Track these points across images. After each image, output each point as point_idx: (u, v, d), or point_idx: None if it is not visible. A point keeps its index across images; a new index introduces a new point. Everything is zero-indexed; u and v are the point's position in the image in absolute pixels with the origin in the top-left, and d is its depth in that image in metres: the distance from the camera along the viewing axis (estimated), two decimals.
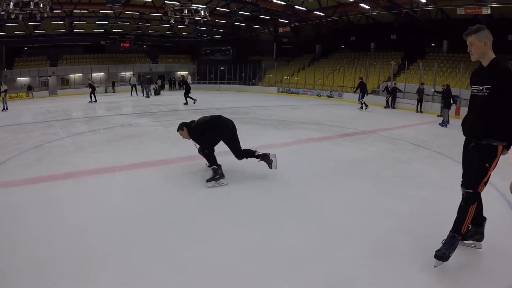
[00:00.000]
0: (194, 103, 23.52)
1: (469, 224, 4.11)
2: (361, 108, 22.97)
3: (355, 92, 25.48)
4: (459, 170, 4.27)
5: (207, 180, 6.88)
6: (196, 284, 3.79)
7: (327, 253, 4.40)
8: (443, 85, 19.15)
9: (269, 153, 7.34)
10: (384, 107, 24.74)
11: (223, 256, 4.32)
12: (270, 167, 7.26)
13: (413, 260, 4.21)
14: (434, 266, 4.00)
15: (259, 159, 7.34)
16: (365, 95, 22.99)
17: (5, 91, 23.14)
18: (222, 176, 6.96)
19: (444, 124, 16.88)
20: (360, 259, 4.25)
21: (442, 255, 3.97)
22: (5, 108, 22.66)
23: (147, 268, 4.04)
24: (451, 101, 17.73)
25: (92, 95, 27.88)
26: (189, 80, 38.74)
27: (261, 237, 4.82)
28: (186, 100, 23.98)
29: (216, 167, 6.98)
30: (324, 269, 4.03)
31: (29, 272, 3.95)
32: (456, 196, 6.21)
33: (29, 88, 39.24)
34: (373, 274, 3.94)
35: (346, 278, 3.89)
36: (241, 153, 7.34)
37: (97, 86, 31.92)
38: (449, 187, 6.77)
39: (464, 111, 18.90)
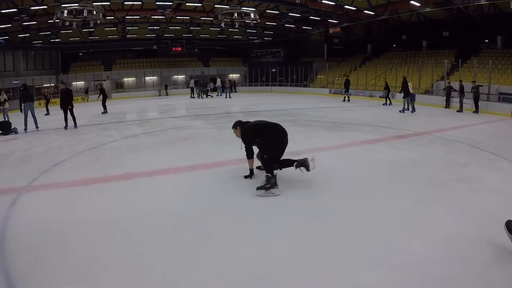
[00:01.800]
0: (102, 113, 22.60)
1: None
2: (344, 100, 28.23)
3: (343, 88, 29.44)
4: None
5: (257, 188, 6.56)
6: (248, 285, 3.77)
7: (381, 259, 4.23)
8: (460, 81, 22.69)
9: (306, 158, 6.96)
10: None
11: (274, 259, 4.27)
12: (308, 170, 6.89)
13: (469, 265, 4.04)
14: None
15: (295, 167, 7.02)
16: (348, 90, 28.91)
17: (5, 101, 20.60)
18: (274, 185, 6.50)
19: (403, 111, 20.59)
20: (416, 263, 4.10)
21: None
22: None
23: (198, 270, 4.04)
24: (409, 91, 20.92)
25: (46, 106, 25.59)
26: (218, 82, 38.67)
27: (313, 241, 4.72)
28: (105, 108, 23.28)
29: (270, 175, 6.56)
30: (376, 277, 3.88)
31: (82, 269, 4.03)
32: None
33: (86, 91, 40.86)
34: (429, 280, 3.78)
35: (397, 284, 3.74)
36: (280, 163, 7.08)
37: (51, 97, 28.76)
38: (508, 191, 6.60)
39: None
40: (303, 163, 6.91)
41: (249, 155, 7.13)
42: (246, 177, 7.40)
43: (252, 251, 4.44)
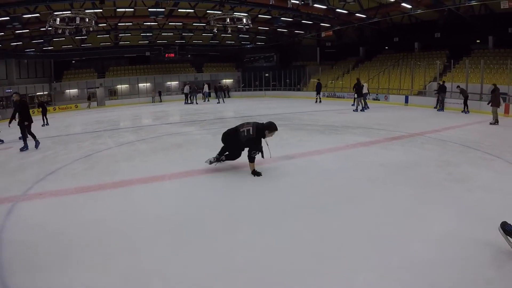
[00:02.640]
0: (42, 125, 21.66)
1: None
2: (316, 102, 31.45)
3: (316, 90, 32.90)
4: (511, 171, 4.05)
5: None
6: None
7: (379, 260, 4.27)
8: (439, 82, 24.06)
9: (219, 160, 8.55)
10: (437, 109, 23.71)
11: (272, 261, 4.30)
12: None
13: (466, 265, 4.08)
14: None
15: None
16: (320, 92, 32.18)
17: None
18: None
19: (356, 110, 22.56)
20: (414, 264, 4.14)
21: None
22: None
23: (196, 273, 4.07)
24: (362, 91, 23.05)
25: None
26: (205, 88, 38.52)
27: (311, 243, 4.75)
28: (46, 121, 22.70)
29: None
30: (374, 277, 3.92)
31: (81, 277, 4.04)
32: (509, 198, 6.15)
33: (89, 98, 41.45)
34: (427, 281, 3.81)
35: (395, 285, 3.77)
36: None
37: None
38: (502, 189, 6.69)
39: None
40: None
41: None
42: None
43: (250, 253, 4.48)
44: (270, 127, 7.91)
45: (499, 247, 4.32)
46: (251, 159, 7.79)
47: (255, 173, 7.81)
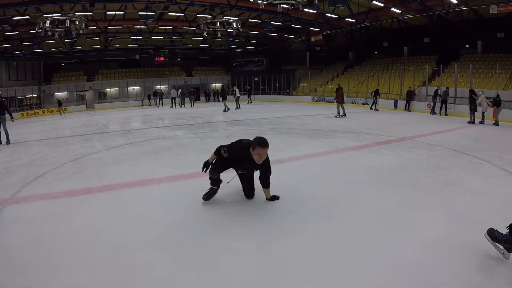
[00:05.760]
0: None
1: None
2: (249, 102, 35.44)
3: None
4: (500, 176, 4.09)
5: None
6: None
7: (367, 264, 4.28)
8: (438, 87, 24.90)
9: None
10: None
11: (260, 267, 4.28)
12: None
13: (455, 270, 4.09)
14: None
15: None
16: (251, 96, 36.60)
17: None
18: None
19: (225, 110, 27.28)
20: (402, 269, 4.14)
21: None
22: None
23: (184, 279, 4.05)
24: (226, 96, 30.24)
25: None
26: (177, 93, 38.28)
27: (298, 248, 4.74)
28: None
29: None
30: (361, 282, 3.92)
31: (70, 282, 3.99)
32: (497, 202, 6.18)
33: (59, 103, 39.44)
34: (415, 285, 3.82)
35: None
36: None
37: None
38: (491, 193, 6.72)
39: (504, 113, 18.74)
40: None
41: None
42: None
43: (238, 259, 4.46)
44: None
45: (488, 251, 4.34)
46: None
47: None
